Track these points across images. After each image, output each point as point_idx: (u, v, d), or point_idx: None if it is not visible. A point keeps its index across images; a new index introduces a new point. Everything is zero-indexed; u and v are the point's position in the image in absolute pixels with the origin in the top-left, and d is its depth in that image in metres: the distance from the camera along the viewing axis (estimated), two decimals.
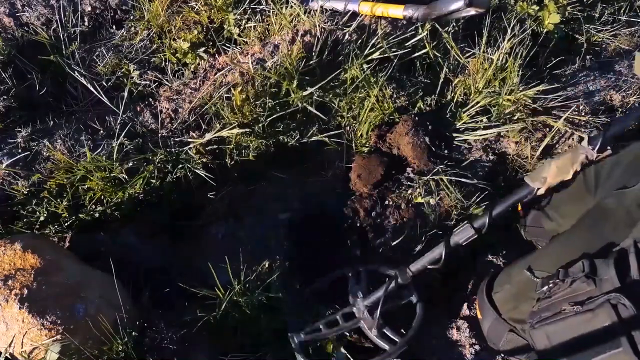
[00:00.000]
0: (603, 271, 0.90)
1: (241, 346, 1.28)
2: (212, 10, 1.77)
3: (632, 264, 0.88)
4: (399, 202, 1.55)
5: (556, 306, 0.94)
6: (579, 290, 0.92)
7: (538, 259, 1.16)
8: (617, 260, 0.91)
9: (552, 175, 1.20)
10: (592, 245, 1.02)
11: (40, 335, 1.12)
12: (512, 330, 1.18)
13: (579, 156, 1.19)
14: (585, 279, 0.91)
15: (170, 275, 1.43)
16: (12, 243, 1.23)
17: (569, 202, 1.29)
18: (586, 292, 0.91)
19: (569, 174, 1.19)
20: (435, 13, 1.61)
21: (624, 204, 1.03)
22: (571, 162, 1.20)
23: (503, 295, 1.21)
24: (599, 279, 0.90)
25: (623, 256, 0.91)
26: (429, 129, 1.58)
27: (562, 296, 0.94)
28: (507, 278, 1.23)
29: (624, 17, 2.02)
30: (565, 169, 1.19)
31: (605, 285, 0.88)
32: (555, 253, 1.12)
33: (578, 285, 0.92)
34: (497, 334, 1.21)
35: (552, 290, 0.97)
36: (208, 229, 1.55)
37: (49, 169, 1.43)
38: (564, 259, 1.03)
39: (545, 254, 1.16)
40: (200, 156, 1.51)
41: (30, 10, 1.79)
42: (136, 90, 1.69)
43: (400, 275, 1.29)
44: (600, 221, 1.07)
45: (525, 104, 1.64)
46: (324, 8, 1.71)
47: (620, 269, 0.88)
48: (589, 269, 0.92)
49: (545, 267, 1.07)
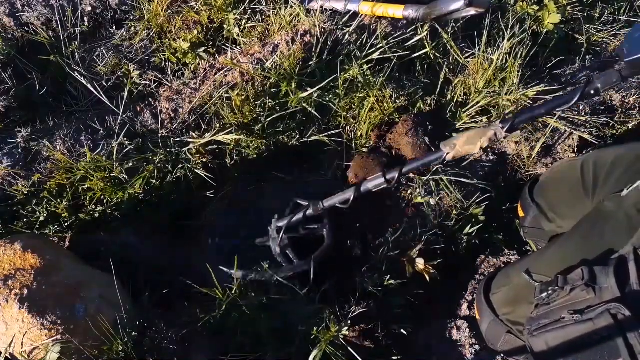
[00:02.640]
0: (602, 279, 0.90)
1: (241, 346, 1.28)
2: (212, 10, 1.77)
3: (631, 272, 0.88)
4: (399, 202, 1.55)
5: (555, 313, 0.93)
6: (578, 298, 0.91)
7: (537, 262, 1.15)
8: (617, 268, 0.90)
9: (460, 143, 1.26)
10: (591, 250, 1.01)
11: (40, 335, 1.12)
12: (509, 332, 1.18)
13: (488, 132, 1.24)
14: (584, 287, 0.90)
15: (170, 275, 1.43)
16: (12, 243, 1.23)
17: (568, 203, 1.28)
18: (585, 300, 0.90)
19: (476, 147, 1.24)
20: (435, 13, 1.61)
21: (623, 207, 1.02)
22: (480, 136, 1.24)
23: (501, 297, 1.21)
24: (599, 287, 0.89)
25: (622, 263, 0.91)
26: (429, 129, 1.58)
27: (561, 304, 0.94)
28: (505, 280, 1.22)
29: (624, 17, 2.02)
30: (473, 141, 1.24)
31: (605, 294, 0.88)
32: (554, 257, 1.11)
33: (577, 293, 0.92)
34: (495, 335, 1.21)
35: (551, 297, 0.96)
36: (208, 228, 1.55)
37: (49, 169, 1.43)
38: (563, 263, 1.03)
39: (544, 257, 1.16)
40: (200, 156, 1.51)
41: (30, 10, 1.79)
42: (136, 90, 1.69)
43: (313, 206, 1.45)
44: (599, 225, 1.07)
45: (525, 104, 1.64)
46: (324, 8, 1.71)
47: (620, 277, 0.88)
48: (588, 276, 0.91)
49: (544, 271, 1.07)
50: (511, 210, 1.61)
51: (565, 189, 1.30)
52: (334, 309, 1.36)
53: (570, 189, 1.27)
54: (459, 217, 1.53)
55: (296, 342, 1.29)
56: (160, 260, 1.47)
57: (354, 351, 1.27)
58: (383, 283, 1.39)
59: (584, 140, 1.67)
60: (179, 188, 1.51)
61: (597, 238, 1.03)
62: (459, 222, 1.54)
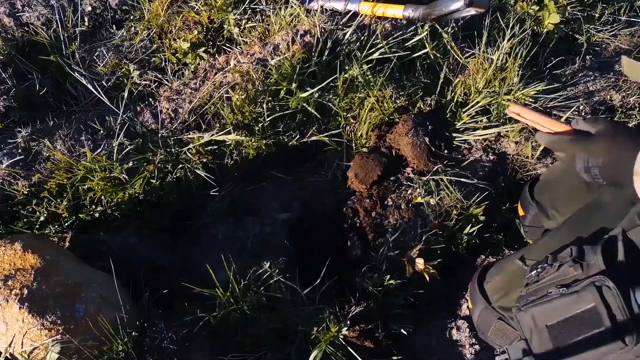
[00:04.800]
0: (590, 256, 0.92)
1: (241, 346, 1.28)
2: (212, 10, 1.77)
3: (619, 250, 0.90)
4: (399, 202, 1.55)
5: (543, 290, 0.95)
6: (566, 275, 0.93)
7: (531, 250, 1.17)
8: (605, 246, 0.92)
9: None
10: (584, 235, 1.04)
11: (40, 335, 1.12)
12: (500, 319, 1.19)
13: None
14: (572, 263, 0.92)
15: (171, 275, 1.43)
16: (12, 243, 1.23)
17: (569, 201, 1.29)
18: (573, 275, 0.92)
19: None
20: (435, 13, 1.61)
21: (619, 200, 1.03)
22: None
23: (494, 284, 1.22)
24: (586, 263, 0.91)
25: (612, 242, 0.92)
26: (429, 129, 1.58)
27: (550, 280, 0.96)
28: (499, 270, 1.24)
29: (624, 17, 2.02)
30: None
31: (592, 269, 0.90)
32: (547, 243, 1.13)
33: (565, 270, 0.94)
34: (486, 322, 1.22)
35: (540, 275, 0.98)
36: (208, 229, 1.55)
37: (49, 169, 1.43)
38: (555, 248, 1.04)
39: (537, 245, 1.18)
40: (200, 156, 1.51)
41: (30, 10, 1.79)
42: (136, 90, 1.69)
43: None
44: (593, 214, 1.09)
45: (525, 103, 1.64)
46: (324, 8, 1.71)
47: (608, 255, 0.90)
48: (576, 253, 0.93)
49: (537, 256, 1.09)
50: (511, 210, 1.61)
51: (567, 186, 1.30)
52: (334, 309, 1.36)
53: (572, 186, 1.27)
54: (459, 217, 1.53)
55: (296, 342, 1.30)
56: (160, 260, 1.46)
57: (354, 351, 1.27)
58: (383, 283, 1.39)
59: None
60: (179, 188, 1.51)
61: (590, 225, 1.05)
62: (459, 222, 1.53)
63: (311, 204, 1.62)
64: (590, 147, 0.92)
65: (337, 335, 1.27)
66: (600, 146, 0.91)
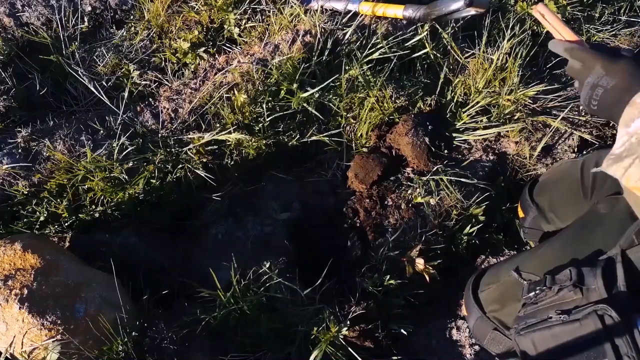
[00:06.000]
0: (590, 280, 0.90)
1: (241, 346, 1.28)
2: (212, 10, 1.77)
3: (619, 273, 0.88)
4: (399, 202, 1.55)
5: (542, 313, 0.93)
6: (565, 299, 0.92)
7: (526, 260, 1.15)
8: (605, 269, 0.90)
9: None
10: (581, 251, 1.02)
11: (40, 335, 1.12)
12: (496, 329, 1.18)
13: None
14: (572, 287, 0.91)
15: (171, 275, 1.43)
16: (12, 243, 1.23)
17: (567, 204, 1.28)
18: (573, 300, 0.90)
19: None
20: (435, 13, 1.61)
21: (616, 211, 1.02)
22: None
23: (489, 294, 1.21)
24: (586, 288, 0.90)
25: (610, 265, 0.91)
26: (429, 129, 1.58)
27: (549, 303, 0.94)
28: (494, 278, 1.22)
29: (624, 17, 2.02)
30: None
31: (592, 295, 0.88)
32: (543, 255, 1.12)
33: (565, 294, 0.92)
34: (482, 332, 1.21)
35: (539, 296, 0.96)
36: (208, 229, 1.55)
37: (49, 169, 1.43)
38: (552, 262, 1.03)
39: (533, 256, 1.16)
40: (200, 156, 1.51)
41: (30, 10, 1.79)
42: (136, 90, 1.69)
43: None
44: (591, 226, 1.07)
45: (525, 103, 1.64)
46: (324, 8, 1.71)
47: (608, 278, 0.89)
48: (576, 277, 0.91)
49: (533, 269, 1.07)
50: (511, 210, 1.61)
51: (564, 190, 1.30)
52: (334, 309, 1.36)
53: (569, 190, 1.27)
54: (459, 217, 1.53)
55: (296, 342, 1.30)
56: (160, 260, 1.46)
57: (354, 351, 1.27)
58: (383, 283, 1.39)
59: (584, 140, 1.67)
60: (179, 188, 1.51)
61: (588, 239, 1.04)
62: (459, 222, 1.54)
63: (311, 204, 1.63)
64: (612, 65, 0.87)
65: (337, 336, 1.27)
66: (623, 68, 0.86)
